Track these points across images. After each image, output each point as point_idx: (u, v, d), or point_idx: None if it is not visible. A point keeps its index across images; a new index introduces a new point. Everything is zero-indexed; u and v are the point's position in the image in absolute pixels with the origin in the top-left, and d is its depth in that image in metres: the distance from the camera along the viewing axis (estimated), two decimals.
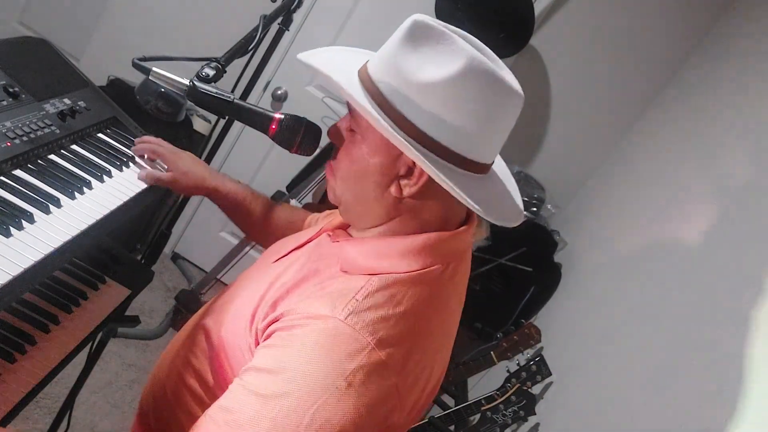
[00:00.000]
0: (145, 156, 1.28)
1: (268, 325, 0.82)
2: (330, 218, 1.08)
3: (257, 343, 0.84)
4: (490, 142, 0.83)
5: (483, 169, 0.84)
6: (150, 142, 1.29)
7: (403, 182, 0.83)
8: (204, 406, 0.90)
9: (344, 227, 0.98)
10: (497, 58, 0.83)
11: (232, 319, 0.92)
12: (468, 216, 0.92)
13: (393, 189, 0.84)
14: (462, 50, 0.76)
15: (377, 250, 0.85)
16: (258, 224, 1.29)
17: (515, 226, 0.86)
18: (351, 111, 0.86)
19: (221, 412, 0.78)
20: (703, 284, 1.55)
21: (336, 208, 0.98)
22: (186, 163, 1.24)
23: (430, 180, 0.80)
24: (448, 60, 0.76)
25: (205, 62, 1.17)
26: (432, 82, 0.76)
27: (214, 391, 0.91)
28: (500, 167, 0.94)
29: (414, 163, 0.80)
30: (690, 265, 1.67)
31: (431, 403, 0.97)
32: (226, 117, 1.23)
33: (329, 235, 0.96)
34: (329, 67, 0.84)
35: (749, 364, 1.21)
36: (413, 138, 0.78)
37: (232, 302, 0.96)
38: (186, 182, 1.22)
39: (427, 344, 0.85)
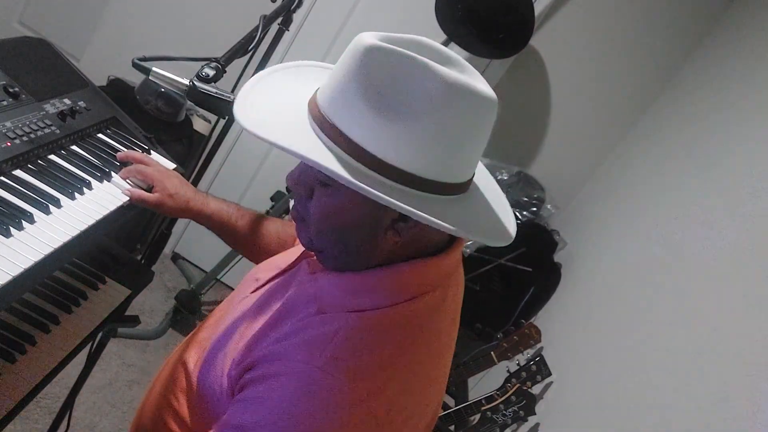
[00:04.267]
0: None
1: (242, 372, 0.77)
2: None
3: (232, 391, 0.79)
4: (468, 160, 0.76)
5: (462, 188, 0.77)
6: (134, 158, 1.25)
7: (399, 225, 0.75)
8: None
9: None
10: (460, 59, 0.75)
11: (207, 361, 0.88)
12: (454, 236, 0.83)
13: (390, 234, 0.75)
14: (433, 73, 0.67)
15: (355, 284, 0.78)
16: (246, 243, 1.25)
17: (504, 244, 0.78)
18: None
19: None
20: (702, 284, 1.55)
21: None
22: (173, 185, 1.19)
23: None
24: (421, 89, 0.67)
25: (205, 62, 1.17)
26: (410, 117, 0.68)
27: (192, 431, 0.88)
28: (483, 179, 0.85)
29: None
30: (689, 265, 1.66)
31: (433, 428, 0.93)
32: (226, 117, 1.23)
33: (308, 265, 0.88)
34: (275, 118, 0.73)
35: (749, 363, 1.21)
36: (394, 180, 0.70)
37: (210, 339, 0.91)
38: (172, 205, 1.18)
39: (415, 384, 0.79)
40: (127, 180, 1.22)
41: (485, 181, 0.85)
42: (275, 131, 0.70)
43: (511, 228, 0.81)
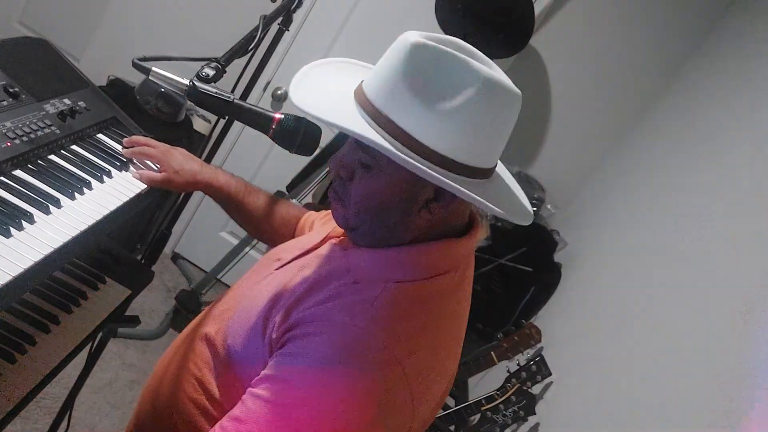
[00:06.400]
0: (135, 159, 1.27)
1: (283, 334, 0.82)
2: (330, 224, 1.06)
3: (271, 351, 0.83)
4: (496, 148, 0.84)
5: (490, 173, 0.85)
6: (138, 143, 1.27)
7: (433, 205, 0.83)
8: (209, 416, 0.90)
9: None
10: (486, 58, 0.83)
11: (239, 328, 0.90)
12: (471, 220, 0.92)
13: (423, 213, 0.83)
14: (473, 71, 0.76)
15: (389, 258, 0.85)
16: (251, 218, 1.28)
17: (527, 223, 0.86)
18: (362, 146, 0.82)
19: (234, 422, 0.77)
20: (703, 284, 1.55)
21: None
22: (177, 161, 1.23)
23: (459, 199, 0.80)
24: (462, 83, 0.75)
25: (205, 62, 1.16)
26: (452, 108, 0.76)
27: (221, 403, 0.90)
28: (500, 167, 0.94)
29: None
30: (690, 265, 1.66)
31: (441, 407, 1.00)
32: (226, 117, 1.23)
33: (337, 243, 0.95)
34: (328, 105, 0.81)
35: (750, 363, 1.21)
36: (435, 164, 0.77)
37: (235, 310, 0.95)
38: (179, 180, 1.22)
39: (441, 352, 0.86)
40: (135, 164, 1.26)
41: (500, 168, 0.93)
42: (334, 116, 0.78)
43: (529, 208, 0.90)
